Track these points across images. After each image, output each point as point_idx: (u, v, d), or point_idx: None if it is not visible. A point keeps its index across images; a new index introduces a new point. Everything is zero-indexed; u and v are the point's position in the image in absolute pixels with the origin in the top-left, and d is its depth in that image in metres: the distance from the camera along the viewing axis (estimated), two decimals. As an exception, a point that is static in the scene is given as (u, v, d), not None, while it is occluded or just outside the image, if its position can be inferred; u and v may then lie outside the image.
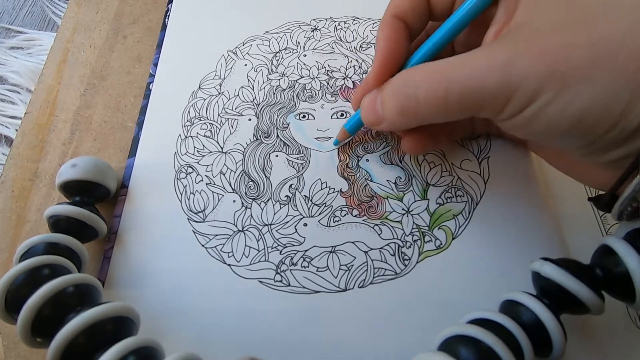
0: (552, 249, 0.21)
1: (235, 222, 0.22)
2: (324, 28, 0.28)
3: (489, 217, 0.22)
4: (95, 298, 0.17)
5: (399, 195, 0.22)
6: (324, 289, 0.20)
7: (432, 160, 0.23)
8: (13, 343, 0.20)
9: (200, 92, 0.26)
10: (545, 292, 0.17)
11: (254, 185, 0.23)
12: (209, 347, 0.19)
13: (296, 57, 0.27)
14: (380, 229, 0.21)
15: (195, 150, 0.24)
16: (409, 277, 0.20)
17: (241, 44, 0.27)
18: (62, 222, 0.19)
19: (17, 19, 0.37)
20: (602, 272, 0.17)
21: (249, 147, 0.24)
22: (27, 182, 0.24)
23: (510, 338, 0.15)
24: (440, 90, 0.16)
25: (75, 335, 0.15)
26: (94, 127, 0.25)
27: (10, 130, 0.32)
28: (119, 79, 0.27)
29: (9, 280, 0.16)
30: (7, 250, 0.22)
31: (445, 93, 0.16)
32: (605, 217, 0.22)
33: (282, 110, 0.25)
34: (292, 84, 0.26)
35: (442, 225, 0.22)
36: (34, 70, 0.33)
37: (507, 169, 0.23)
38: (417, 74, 0.17)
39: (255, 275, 0.20)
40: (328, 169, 0.23)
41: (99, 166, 0.21)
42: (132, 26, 0.29)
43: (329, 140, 0.24)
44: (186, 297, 0.20)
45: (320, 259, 0.21)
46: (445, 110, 0.17)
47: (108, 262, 0.21)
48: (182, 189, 0.23)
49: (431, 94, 0.17)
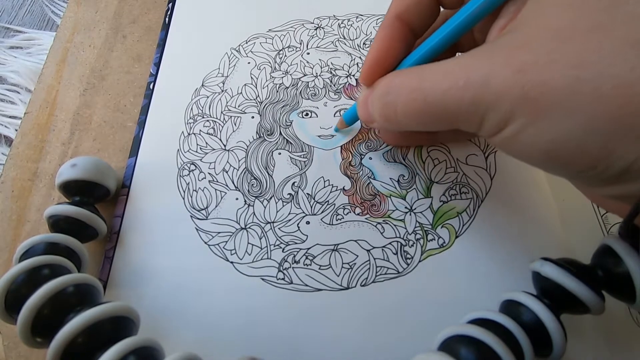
0: (553, 248, 0.20)
1: (238, 220, 0.22)
2: (327, 26, 0.28)
3: (493, 214, 0.21)
4: (95, 298, 0.17)
5: (402, 194, 0.22)
6: (326, 287, 0.20)
7: (437, 156, 0.23)
8: (13, 343, 0.20)
9: (203, 90, 0.26)
10: (545, 292, 0.17)
11: (256, 182, 0.23)
12: (210, 347, 0.19)
13: (299, 55, 0.27)
14: (382, 227, 0.21)
15: (198, 148, 0.24)
16: (411, 276, 0.20)
17: (244, 42, 0.27)
18: (61, 222, 0.19)
19: (16, 18, 0.36)
20: (602, 272, 0.17)
21: (252, 145, 0.24)
22: (27, 182, 0.24)
23: (511, 338, 0.15)
24: (417, 101, 0.15)
25: (75, 335, 0.15)
26: (94, 127, 0.25)
27: (10, 130, 0.31)
28: (119, 79, 0.27)
29: (9, 280, 0.16)
30: (7, 250, 0.22)
31: (423, 105, 0.15)
32: (605, 217, 0.22)
33: (285, 108, 0.25)
34: (295, 81, 0.26)
35: (445, 224, 0.21)
36: (33, 70, 0.33)
37: (514, 164, 0.23)
38: (397, 81, 0.17)
39: (257, 273, 0.20)
40: (331, 166, 0.23)
41: (99, 166, 0.21)
42: (132, 26, 0.29)
43: (332, 138, 0.24)
44: (188, 295, 0.20)
45: (323, 257, 0.21)
46: (421, 121, 0.16)
47: (109, 261, 0.21)
48: (185, 187, 0.23)
49: (409, 104, 0.16)
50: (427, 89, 0.15)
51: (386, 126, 0.18)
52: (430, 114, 0.15)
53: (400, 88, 0.16)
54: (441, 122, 0.15)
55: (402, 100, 0.16)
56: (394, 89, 0.17)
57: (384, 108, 0.17)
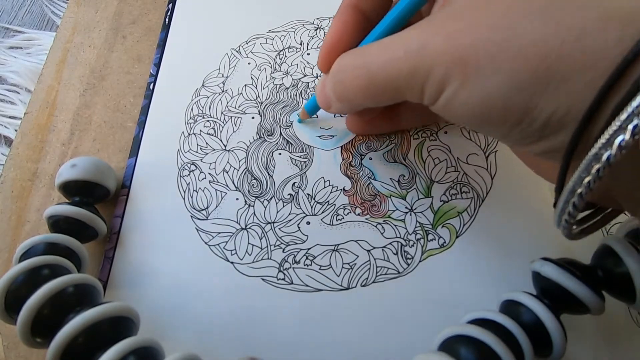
0: (553, 248, 0.20)
1: (239, 220, 0.22)
2: (327, 27, 0.28)
3: (494, 214, 0.21)
4: (95, 298, 0.17)
5: (402, 194, 0.22)
6: (326, 287, 0.20)
7: (437, 156, 0.23)
8: (13, 343, 0.20)
9: (203, 90, 0.26)
10: (545, 292, 0.17)
11: (257, 183, 0.23)
12: (210, 347, 0.19)
13: (300, 56, 0.27)
14: (383, 227, 0.21)
15: (198, 148, 0.24)
16: (411, 276, 0.20)
17: (245, 43, 0.27)
18: (61, 222, 0.19)
19: (16, 18, 0.37)
20: (602, 272, 0.17)
21: (252, 145, 0.24)
22: (26, 183, 0.24)
23: (511, 338, 0.15)
24: (362, 76, 0.16)
25: (75, 335, 0.15)
26: (94, 127, 0.25)
27: (10, 130, 0.31)
28: (119, 79, 0.27)
29: (9, 280, 0.16)
30: (7, 250, 0.22)
31: (367, 79, 0.16)
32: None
33: (286, 108, 0.25)
34: (295, 82, 0.26)
35: (446, 223, 0.21)
36: (33, 70, 0.33)
37: (515, 163, 0.22)
38: (344, 59, 0.18)
39: (258, 273, 0.20)
40: (331, 167, 0.23)
41: (99, 166, 0.21)
42: (132, 26, 0.29)
43: (332, 138, 0.24)
44: (188, 295, 0.20)
45: (323, 257, 0.21)
46: (368, 95, 0.17)
47: (109, 262, 0.21)
48: (185, 187, 0.23)
49: (355, 80, 0.17)
50: (370, 63, 0.16)
51: (341, 107, 0.19)
52: (375, 87, 0.16)
53: (347, 65, 0.17)
54: (387, 94, 0.16)
55: (348, 76, 0.17)
56: (342, 67, 0.18)
57: (336, 86, 0.18)
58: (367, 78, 0.16)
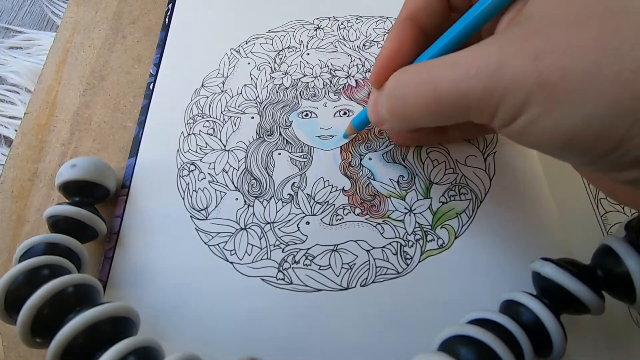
0: (553, 248, 0.20)
1: (238, 220, 0.22)
2: (327, 27, 0.28)
3: (492, 215, 0.21)
4: (95, 298, 0.17)
5: (402, 194, 0.22)
6: (326, 287, 0.20)
7: (436, 157, 0.23)
8: (13, 343, 0.20)
9: (203, 90, 0.26)
10: (545, 292, 0.17)
11: (256, 183, 0.23)
12: (210, 347, 0.19)
13: (299, 56, 0.27)
14: (382, 227, 0.21)
15: (197, 148, 0.24)
16: (410, 276, 0.20)
17: (244, 43, 0.27)
18: (61, 222, 0.19)
19: (16, 18, 0.36)
20: (602, 273, 0.17)
21: (252, 145, 0.24)
22: (26, 183, 0.24)
23: (511, 338, 0.15)
24: (426, 94, 0.15)
25: (75, 335, 0.14)
26: (94, 127, 0.25)
27: (10, 130, 0.31)
28: (119, 79, 0.27)
29: (9, 280, 0.16)
30: (6, 250, 0.22)
31: (433, 97, 0.15)
32: (605, 217, 0.22)
33: (285, 108, 0.25)
34: (295, 82, 0.26)
35: (444, 224, 0.21)
36: (33, 70, 0.33)
37: (513, 165, 0.23)
38: (405, 75, 0.17)
39: (257, 273, 0.20)
40: (331, 167, 0.23)
41: (99, 166, 0.21)
42: (132, 26, 0.29)
43: (331, 138, 0.24)
44: (188, 295, 0.20)
45: (323, 257, 0.21)
46: (432, 114, 0.16)
47: (109, 262, 0.21)
48: (185, 187, 0.23)
49: (418, 98, 0.16)
50: (437, 81, 0.15)
51: (396, 125, 0.18)
52: (441, 106, 0.15)
53: (409, 82, 0.16)
54: (452, 114, 0.15)
55: (411, 93, 0.16)
56: (403, 83, 0.16)
57: (394, 104, 0.17)
58: (433, 96, 0.15)
